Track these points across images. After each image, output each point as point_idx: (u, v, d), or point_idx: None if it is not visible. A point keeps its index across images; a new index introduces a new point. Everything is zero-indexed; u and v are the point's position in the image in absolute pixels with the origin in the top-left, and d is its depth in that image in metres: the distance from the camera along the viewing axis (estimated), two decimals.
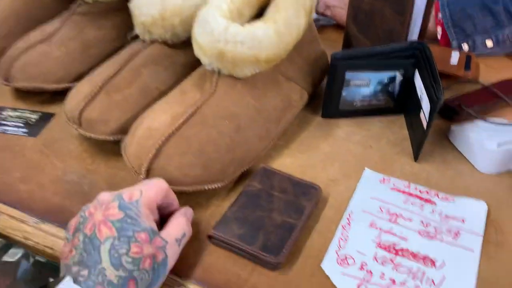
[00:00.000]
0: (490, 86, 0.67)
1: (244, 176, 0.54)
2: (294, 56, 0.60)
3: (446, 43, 0.77)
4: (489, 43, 0.75)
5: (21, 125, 0.61)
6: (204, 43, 0.52)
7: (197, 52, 0.53)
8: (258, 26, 0.52)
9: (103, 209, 0.40)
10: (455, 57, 0.71)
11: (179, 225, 0.44)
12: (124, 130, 0.54)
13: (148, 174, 0.48)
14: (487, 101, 0.64)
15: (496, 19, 0.74)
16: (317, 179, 0.54)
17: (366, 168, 0.56)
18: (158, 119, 0.50)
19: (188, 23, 0.57)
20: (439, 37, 0.77)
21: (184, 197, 0.50)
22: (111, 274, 0.37)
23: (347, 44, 0.69)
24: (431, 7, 0.62)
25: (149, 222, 0.41)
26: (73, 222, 0.41)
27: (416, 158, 0.57)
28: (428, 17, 0.63)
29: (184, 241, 0.44)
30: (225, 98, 0.53)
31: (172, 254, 0.41)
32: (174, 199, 0.46)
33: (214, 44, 0.51)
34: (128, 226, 0.39)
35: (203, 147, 0.49)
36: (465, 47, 0.75)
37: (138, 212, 0.40)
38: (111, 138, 0.54)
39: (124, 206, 0.40)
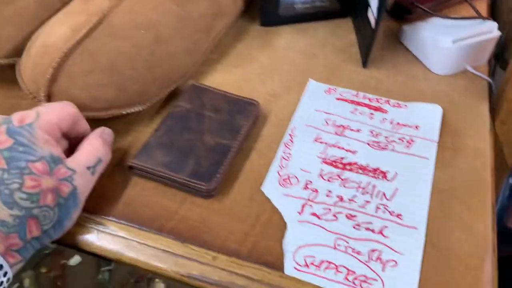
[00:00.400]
0: None
1: (171, 97, 0.46)
2: None
3: None
4: None
5: None
6: None
7: None
8: None
9: None
10: None
11: (92, 149, 0.36)
12: (19, 50, 0.45)
13: (50, 100, 0.40)
14: None
15: None
16: (255, 94, 0.48)
17: (310, 79, 0.50)
18: (55, 32, 0.41)
19: None
20: None
21: (99, 124, 0.42)
22: (4, 213, 0.30)
23: None
24: None
25: (49, 147, 0.33)
26: None
27: (364, 64, 0.51)
28: None
29: (100, 168, 0.37)
30: (139, 2, 0.44)
31: (84, 185, 0.35)
32: (86, 129, 0.39)
33: None
34: (20, 155, 0.32)
35: (114, 63, 0.41)
36: None
37: (32, 138, 0.33)
38: (5, 61, 0.45)
39: (13, 131, 0.33)
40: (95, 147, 0.37)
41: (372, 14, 0.48)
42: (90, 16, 0.42)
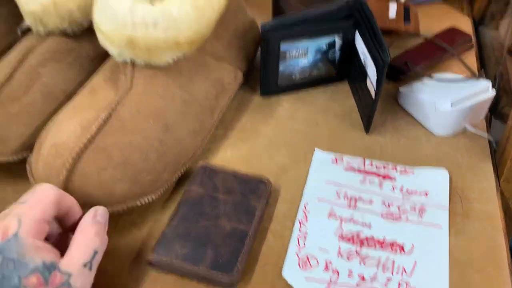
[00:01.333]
0: (432, 38, 0.62)
1: (182, 179, 0.47)
2: (219, 31, 0.52)
3: None
4: None
5: None
6: (108, 30, 0.43)
7: (103, 42, 0.45)
8: (172, 2, 0.44)
9: None
10: (393, 10, 0.66)
11: (86, 241, 0.35)
12: (28, 146, 0.45)
13: None
14: (432, 55, 0.60)
15: None
16: (265, 169, 0.48)
17: (316, 149, 0.51)
18: (65, 130, 0.41)
19: (89, 6, 0.48)
20: None
21: (114, 218, 0.42)
22: None
23: (277, 10, 0.62)
24: None
25: (40, 254, 0.32)
26: None
27: (367, 130, 0.52)
28: None
29: (97, 259, 0.35)
30: (145, 92, 0.45)
31: (83, 284, 0.33)
32: (72, 203, 0.37)
33: (121, 30, 0.42)
34: (11, 272, 0.31)
35: (126, 158, 0.41)
36: None
37: (21, 249, 0.31)
38: (13, 158, 0.45)
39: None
40: (89, 238, 0.35)
41: (371, 84, 0.50)
42: (99, 112, 0.42)
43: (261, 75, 0.55)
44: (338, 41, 0.55)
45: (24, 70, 0.47)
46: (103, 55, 0.51)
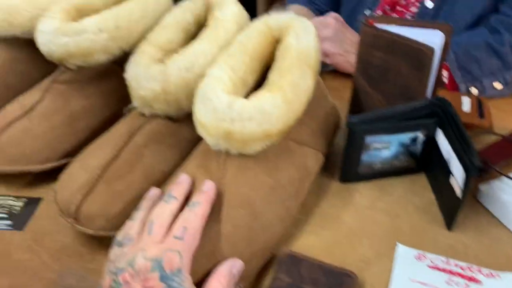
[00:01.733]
0: (510, 136, 0.63)
1: (267, 266, 0.48)
2: (303, 118, 0.54)
3: (453, 87, 0.73)
4: (498, 85, 0.72)
5: (4, 215, 0.54)
6: (207, 122, 0.46)
7: (201, 131, 0.47)
8: (264, 97, 0.46)
9: (142, 279, 0.36)
10: (466, 104, 0.68)
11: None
12: None
13: None
14: (511, 154, 0.60)
15: (502, 60, 0.72)
16: (347, 261, 0.49)
17: (398, 244, 0.51)
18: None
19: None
20: (445, 81, 0.74)
21: None
22: None
23: (356, 99, 0.65)
24: (445, 59, 0.59)
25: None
26: (105, 286, 0.37)
27: (449, 227, 0.53)
28: (442, 68, 0.60)
29: None
30: (236, 181, 0.47)
31: None
32: None
33: (219, 123, 0.45)
34: None
35: (216, 247, 0.43)
36: (474, 90, 0.73)
37: (181, 282, 0.37)
38: (112, 234, 0.48)
39: (165, 277, 0.37)
40: (221, 286, 0.40)
41: (456, 182, 0.51)
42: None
43: (343, 163, 0.57)
44: (421, 137, 0.56)
45: (130, 149, 0.50)
46: (199, 138, 0.54)
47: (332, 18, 0.78)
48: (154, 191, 0.46)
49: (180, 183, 0.45)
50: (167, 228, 0.41)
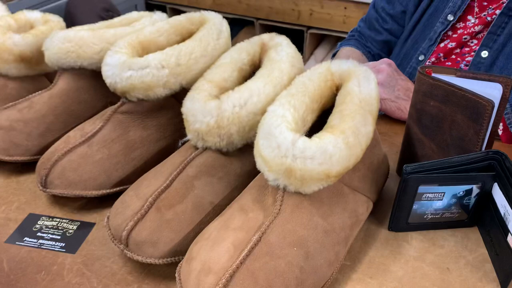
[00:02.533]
0: None
1: None
2: (357, 164, 0.55)
3: (509, 139, 0.71)
4: None
5: (58, 237, 0.56)
6: (269, 157, 0.47)
7: (261, 166, 0.48)
8: (327, 138, 0.47)
9: None
10: None
11: None
12: (175, 252, 0.48)
13: None
14: None
15: None
16: None
17: None
18: (218, 248, 0.44)
19: (246, 131, 0.53)
20: (500, 132, 0.72)
21: None
22: None
23: (408, 146, 0.64)
24: (503, 111, 0.58)
25: None
26: None
27: (504, 287, 0.50)
28: (499, 121, 0.58)
29: None
30: (292, 219, 0.47)
31: None
32: None
33: (281, 159, 0.46)
34: None
35: (270, 283, 0.43)
36: None
37: None
38: (160, 262, 0.48)
39: None
40: None
41: None
42: (249, 233, 0.45)
43: (394, 211, 0.56)
44: (475, 189, 0.55)
45: (182, 180, 0.52)
46: (248, 173, 0.55)
47: (385, 64, 0.78)
48: None
49: None
50: None
